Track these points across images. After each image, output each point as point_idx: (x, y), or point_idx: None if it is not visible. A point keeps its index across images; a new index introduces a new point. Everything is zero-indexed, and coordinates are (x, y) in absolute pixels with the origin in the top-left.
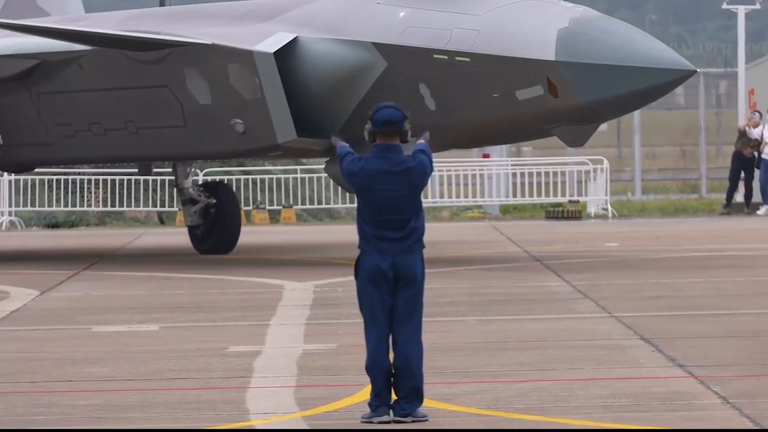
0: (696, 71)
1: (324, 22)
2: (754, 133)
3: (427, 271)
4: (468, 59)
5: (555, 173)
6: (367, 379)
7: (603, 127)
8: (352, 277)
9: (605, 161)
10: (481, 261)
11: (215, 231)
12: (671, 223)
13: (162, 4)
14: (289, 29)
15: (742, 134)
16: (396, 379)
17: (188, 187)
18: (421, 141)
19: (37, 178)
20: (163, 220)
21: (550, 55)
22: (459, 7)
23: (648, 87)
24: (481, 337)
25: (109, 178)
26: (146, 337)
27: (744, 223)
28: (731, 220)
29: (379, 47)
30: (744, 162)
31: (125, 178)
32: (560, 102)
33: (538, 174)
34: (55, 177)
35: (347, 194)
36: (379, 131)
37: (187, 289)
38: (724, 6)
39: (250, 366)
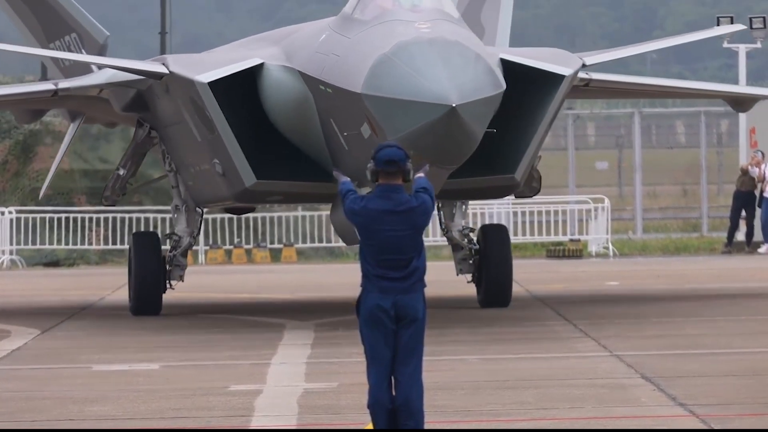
0: (452, 107)
1: (295, 46)
2: (755, 171)
3: (427, 310)
4: (330, 90)
5: (556, 212)
6: (367, 417)
7: (603, 165)
8: (354, 316)
9: (606, 200)
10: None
11: (481, 281)
12: (672, 262)
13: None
14: (272, 54)
15: (744, 173)
16: (397, 418)
17: (453, 231)
18: (421, 176)
19: (38, 216)
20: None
21: (358, 86)
22: (346, 28)
23: (421, 125)
24: (482, 375)
25: (110, 216)
26: (147, 375)
27: (745, 261)
28: (732, 259)
29: (303, 76)
30: (745, 201)
31: (126, 216)
32: (379, 140)
33: (539, 212)
34: (56, 215)
35: None
36: (381, 170)
37: (187, 328)
38: (725, 45)
39: (251, 405)
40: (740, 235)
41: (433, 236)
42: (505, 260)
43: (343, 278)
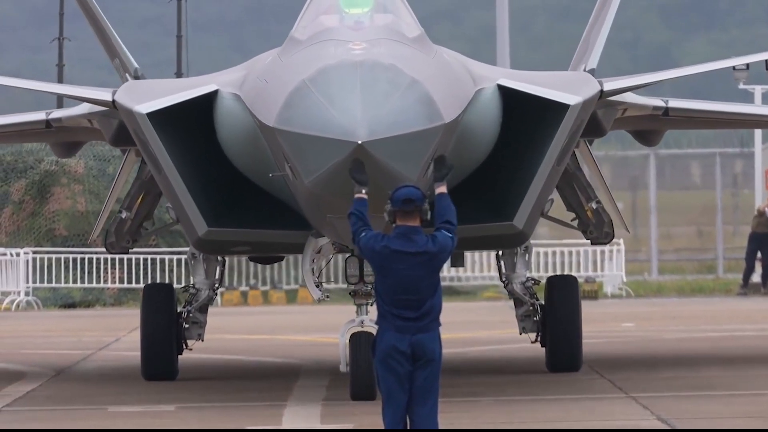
0: (358, 144)
1: (253, 70)
2: None
3: (443, 351)
4: (257, 123)
5: (570, 253)
6: None
7: (618, 205)
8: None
9: (621, 241)
10: (497, 341)
11: (545, 341)
12: (688, 303)
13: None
14: (232, 79)
15: (760, 214)
16: None
17: (514, 283)
18: (443, 191)
19: (54, 257)
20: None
21: (271, 119)
22: (285, 49)
23: (331, 166)
24: (498, 417)
25: (125, 257)
26: (162, 417)
27: (761, 303)
28: (748, 300)
29: (246, 105)
30: (761, 242)
31: (141, 257)
32: (299, 184)
33: (554, 253)
34: (71, 256)
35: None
36: (399, 210)
37: (203, 369)
38: (741, 86)
39: None
40: (756, 277)
41: (448, 273)
42: (574, 318)
43: None
